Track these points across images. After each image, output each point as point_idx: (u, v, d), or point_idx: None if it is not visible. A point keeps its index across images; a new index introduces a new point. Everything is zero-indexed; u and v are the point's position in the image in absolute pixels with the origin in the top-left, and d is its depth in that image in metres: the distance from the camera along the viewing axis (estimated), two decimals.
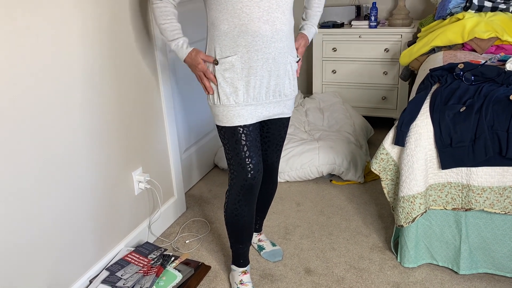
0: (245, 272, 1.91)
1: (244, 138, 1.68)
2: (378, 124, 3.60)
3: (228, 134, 1.70)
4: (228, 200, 1.79)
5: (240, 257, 1.90)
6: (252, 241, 2.19)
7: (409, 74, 3.02)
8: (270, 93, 1.68)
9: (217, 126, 1.73)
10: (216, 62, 1.62)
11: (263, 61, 1.61)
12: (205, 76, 1.66)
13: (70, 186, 1.72)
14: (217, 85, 1.64)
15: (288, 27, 1.64)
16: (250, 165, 1.70)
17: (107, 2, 1.81)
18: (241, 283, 1.89)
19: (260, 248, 2.16)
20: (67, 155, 1.70)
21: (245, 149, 1.69)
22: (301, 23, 1.89)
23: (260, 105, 1.69)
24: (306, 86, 4.26)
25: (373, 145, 3.27)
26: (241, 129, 1.68)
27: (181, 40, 1.67)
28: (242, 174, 1.71)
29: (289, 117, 1.84)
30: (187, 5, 2.52)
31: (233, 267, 1.93)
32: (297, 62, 1.77)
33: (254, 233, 2.19)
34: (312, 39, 2.04)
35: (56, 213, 1.67)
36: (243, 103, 1.65)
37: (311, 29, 1.87)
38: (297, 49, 1.81)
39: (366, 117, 3.56)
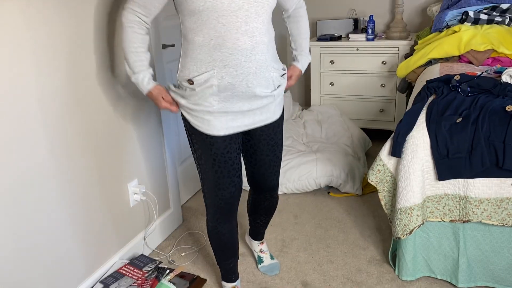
0: None
1: (220, 158, 1.56)
2: (376, 136, 3.60)
3: (204, 149, 1.57)
4: (207, 218, 1.74)
5: (228, 273, 1.87)
6: (254, 249, 2.16)
7: (406, 86, 3.02)
8: (252, 100, 1.55)
9: (191, 142, 1.62)
10: (191, 82, 1.50)
11: (243, 76, 1.47)
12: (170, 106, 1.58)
13: (63, 197, 1.71)
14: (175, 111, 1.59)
15: (268, 38, 1.51)
16: (230, 188, 1.61)
17: None
18: None
19: (260, 260, 2.12)
20: (60, 165, 1.69)
21: (221, 170, 1.58)
22: (292, 53, 1.76)
23: (241, 113, 1.55)
24: (304, 99, 4.27)
25: (371, 157, 3.26)
26: (218, 145, 1.55)
27: (141, 75, 1.54)
28: (218, 195, 1.62)
29: (281, 135, 1.72)
30: (174, 18, 2.50)
31: (223, 283, 1.90)
32: (282, 76, 1.64)
33: (256, 241, 2.14)
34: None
35: (49, 224, 1.66)
36: (218, 112, 1.52)
37: (305, 60, 1.76)
38: (289, 78, 1.72)
39: (364, 129, 3.56)
